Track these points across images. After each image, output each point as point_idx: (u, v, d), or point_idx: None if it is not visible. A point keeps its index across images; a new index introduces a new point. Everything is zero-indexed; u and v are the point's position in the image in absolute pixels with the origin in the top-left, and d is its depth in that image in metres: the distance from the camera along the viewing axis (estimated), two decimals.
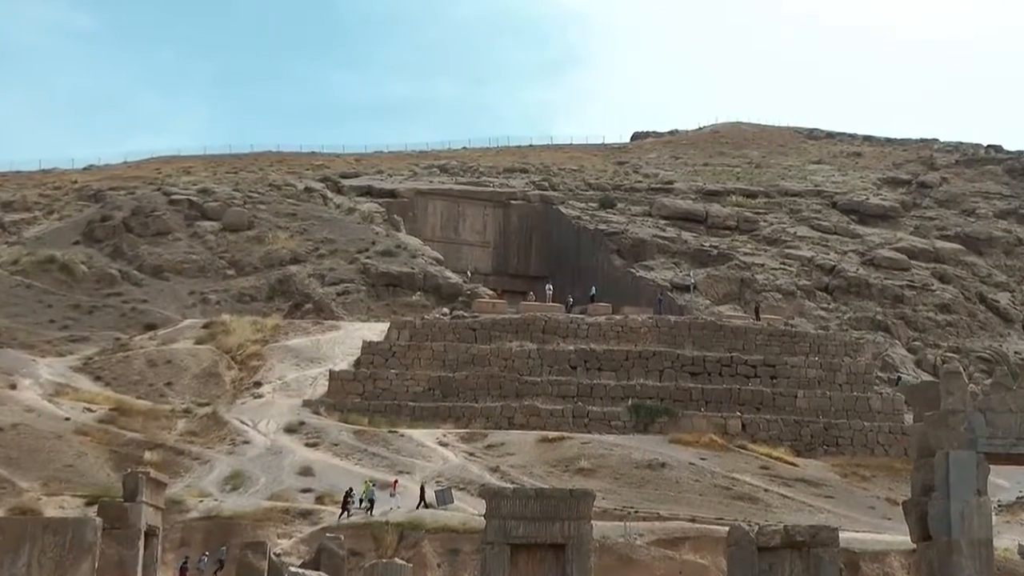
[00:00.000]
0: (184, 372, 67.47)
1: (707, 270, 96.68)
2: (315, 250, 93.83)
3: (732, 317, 78.81)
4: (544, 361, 66.76)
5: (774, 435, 62.28)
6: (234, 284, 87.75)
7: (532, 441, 57.95)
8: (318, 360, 70.38)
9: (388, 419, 61.00)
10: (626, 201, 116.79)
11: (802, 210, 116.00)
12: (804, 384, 66.98)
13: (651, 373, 66.54)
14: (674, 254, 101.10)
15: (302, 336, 74.57)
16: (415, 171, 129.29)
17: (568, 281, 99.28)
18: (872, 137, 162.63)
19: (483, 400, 63.60)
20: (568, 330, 70.24)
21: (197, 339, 72.74)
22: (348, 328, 76.75)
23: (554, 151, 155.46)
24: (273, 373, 68.13)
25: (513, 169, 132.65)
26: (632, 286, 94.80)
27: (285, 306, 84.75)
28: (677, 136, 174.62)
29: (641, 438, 59.64)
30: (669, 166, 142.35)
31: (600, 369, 66.66)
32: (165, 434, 57.67)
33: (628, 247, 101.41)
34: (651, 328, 70.49)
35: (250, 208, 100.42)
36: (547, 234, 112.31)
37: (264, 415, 60.81)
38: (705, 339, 70.10)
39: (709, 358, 67.64)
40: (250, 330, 74.00)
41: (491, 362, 66.59)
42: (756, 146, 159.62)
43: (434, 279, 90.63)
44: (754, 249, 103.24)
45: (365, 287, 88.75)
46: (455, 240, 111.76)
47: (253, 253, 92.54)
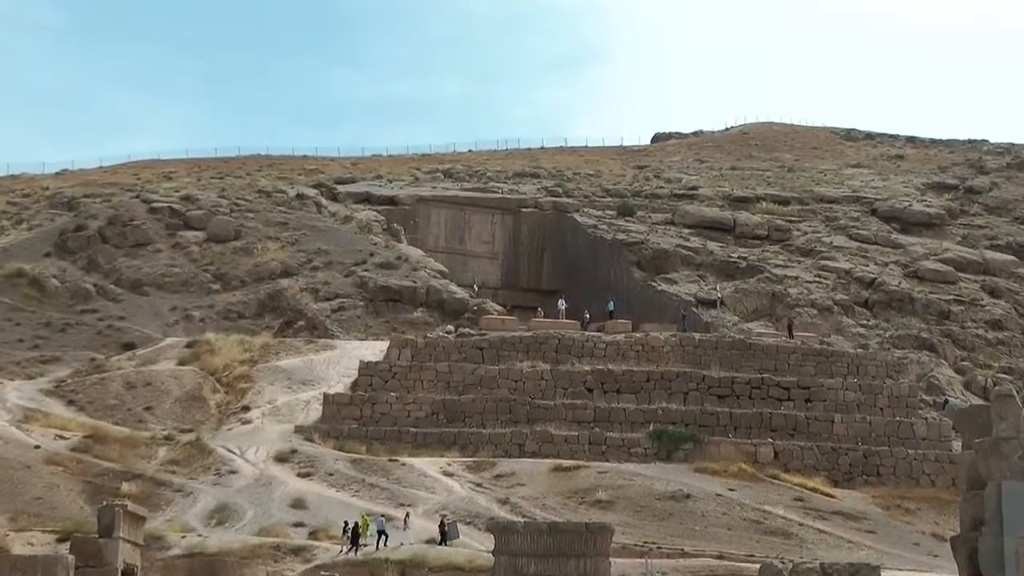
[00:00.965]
0: (165, 396, 67.51)
1: (735, 284, 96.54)
2: (308, 262, 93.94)
3: (763, 335, 78.68)
4: (558, 383, 66.69)
5: (809, 464, 62.04)
6: (220, 300, 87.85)
7: (545, 470, 57.83)
8: (311, 382, 70.38)
9: (388, 447, 60.94)
10: (647, 208, 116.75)
11: (839, 218, 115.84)
12: (842, 408, 66.78)
13: (674, 396, 66.40)
14: (699, 266, 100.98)
15: (294, 356, 74.59)
16: (417, 176, 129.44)
17: (583, 296, 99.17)
18: (916, 138, 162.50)
19: (491, 426, 63.50)
20: (584, 349, 70.17)
21: (179, 360, 72.79)
22: (344, 347, 76.76)
23: (568, 154, 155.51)
24: (262, 396, 68.14)
25: (523, 174, 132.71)
26: (653, 301, 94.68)
27: (275, 323, 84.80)
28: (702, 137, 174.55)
29: (664, 467, 59.47)
30: (693, 170, 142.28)
31: (619, 392, 66.56)
32: (144, 463, 57.66)
33: (649, 258, 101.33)
34: (674, 347, 70.38)
35: (237, 217, 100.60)
36: (560, 244, 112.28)
37: (253, 442, 60.78)
38: (733, 359, 69.95)
39: (738, 380, 67.49)
40: (237, 350, 74.04)
41: (500, 384, 66.53)
42: (788, 148, 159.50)
43: (438, 294, 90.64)
44: (786, 260, 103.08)
45: (363, 303, 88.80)
46: (460, 251, 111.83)
47: (240, 266, 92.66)
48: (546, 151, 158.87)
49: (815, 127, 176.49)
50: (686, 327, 79.73)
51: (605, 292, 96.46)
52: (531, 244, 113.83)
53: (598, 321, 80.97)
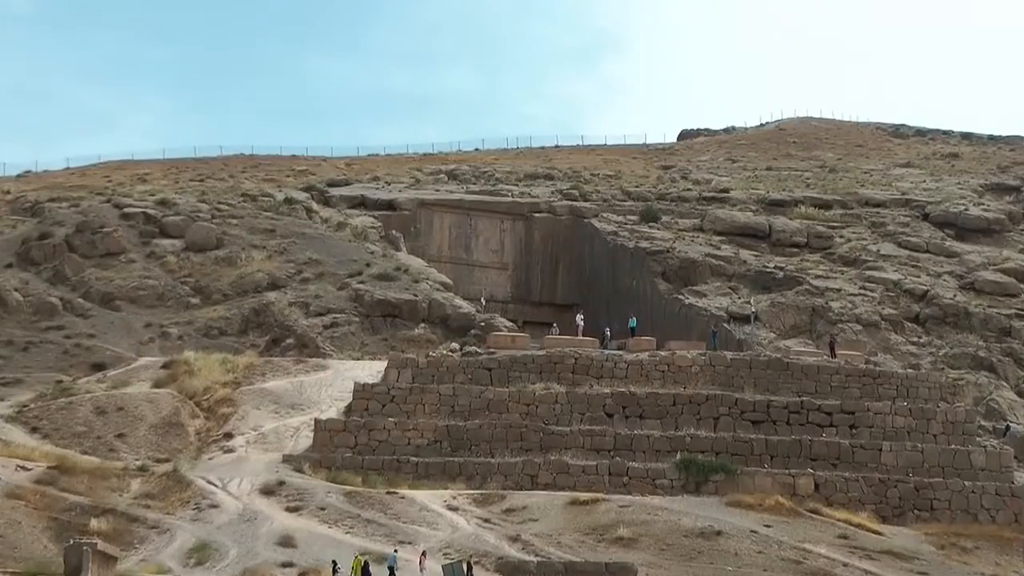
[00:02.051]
0: (139, 422, 67.53)
1: (771, 296, 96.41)
2: (297, 274, 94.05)
3: (802, 354, 78.46)
4: (574, 407, 66.60)
5: (854, 497, 61.86)
6: (200, 315, 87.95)
7: (560, 504, 57.74)
8: (301, 406, 70.37)
9: (386, 478, 60.88)
10: (673, 213, 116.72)
11: (886, 223, 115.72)
12: (890, 435, 66.59)
13: (704, 422, 66.27)
14: (731, 277, 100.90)
15: (282, 377, 74.59)
16: (418, 178, 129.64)
17: (603, 310, 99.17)
18: (972, 135, 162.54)
19: (500, 455, 63.43)
20: (603, 370, 70.07)
21: (155, 382, 72.84)
22: (337, 368, 76.76)
23: (585, 153, 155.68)
24: (247, 422, 68.14)
25: (536, 175, 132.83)
26: (680, 316, 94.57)
27: (261, 341, 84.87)
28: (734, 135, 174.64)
29: (692, 500, 59.33)
30: (724, 170, 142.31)
31: (642, 417, 66.45)
32: (116, 497, 57.65)
33: (675, 269, 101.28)
34: (704, 367, 70.24)
35: (219, 223, 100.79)
36: (577, 253, 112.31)
37: (236, 473, 60.76)
38: (769, 380, 69.80)
39: (774, 403, 67.34)
40: (219, 371, 74.06)
41: (510, 408, 66.46)
42: (830, 146, 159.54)
43: (441, 308, 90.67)
44: (828, 271, 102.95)
45: (358, 318, 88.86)
46: (466, 261, 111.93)
47: (223, 278, 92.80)
48: (561, 150, 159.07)
49: (860, 123, 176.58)
50: (716, 345, 79.47)
51: (626, 306, 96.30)
52: (544, 253, 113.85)
53: (619, 339, 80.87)
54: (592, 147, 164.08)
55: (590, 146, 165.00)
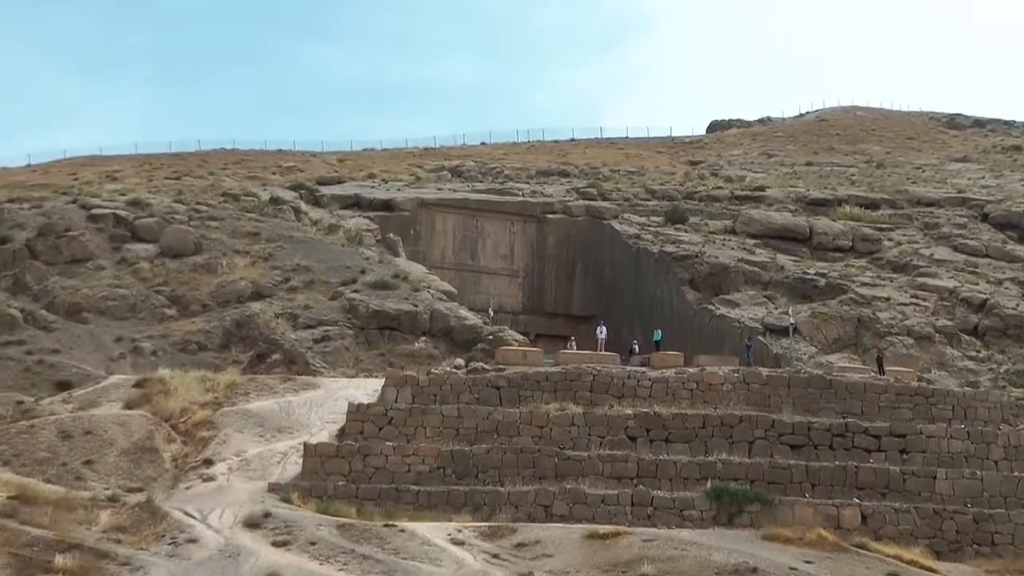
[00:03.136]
0: (109, 447, 67.51)
1: (812, 306, 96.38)
2: (284, 282, 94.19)
3: (846, 370, 78.42)
4: (592, 430, 66.49)
5: (905, 530, 61.65)
6: (176, 328, 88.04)
7: (577, 538, 57.61)
8: (289, 429, 70.35)
9: (383, 509, 60.77)
10: (702, 214, 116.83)
11: (940, 224, 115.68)
12: (946, 461, 66.40)
13: (737, 446, 66.14)
14: (767, 285, 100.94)
15: (267, 397, 74.59)
16: (418, 175, 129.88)
17: (624, 321, 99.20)
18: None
19: (511, 483, 63.31)
20: (625, 388, 69.96)
21: (126, 402, 72.84)
22: (329, 386, 76.76)
23: (604, 148, 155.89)
24: (228, 447, 68.13)
25: (550, 172, 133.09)
26: (711, 328, 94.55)
27: (244, 357, 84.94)
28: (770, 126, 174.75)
29: (724, 533, 59.17)
30: (759, 166, 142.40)
31: (668, 440, 66.31)
32: (83, 531, 57.60)
33: (705, 276, 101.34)
34: (736, 385, 70.14)
35: (197, 226, 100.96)
36: (595, 259, 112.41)
37: (216, 504, 60.72)
38: (810, 400, 69.68)
39: (815, 425, 67.19)
40: (197, 390, 74.06)
41: (521, 431, 66.36)
42: (877, 138, 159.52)
43: (444, 320, 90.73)
44: (875, 278, 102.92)
45: (352, 331, 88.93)
46: (472, 267, 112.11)
47: (201, 286, 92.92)
48: (577, 144, 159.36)
49: (911, 112, 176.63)
50: (751, 360, 79.41)
51: (650, 318, 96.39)
52: (559, 259, 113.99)
53: (642, 353, 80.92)
54: (612, 140, 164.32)
55: (609, 139, 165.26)
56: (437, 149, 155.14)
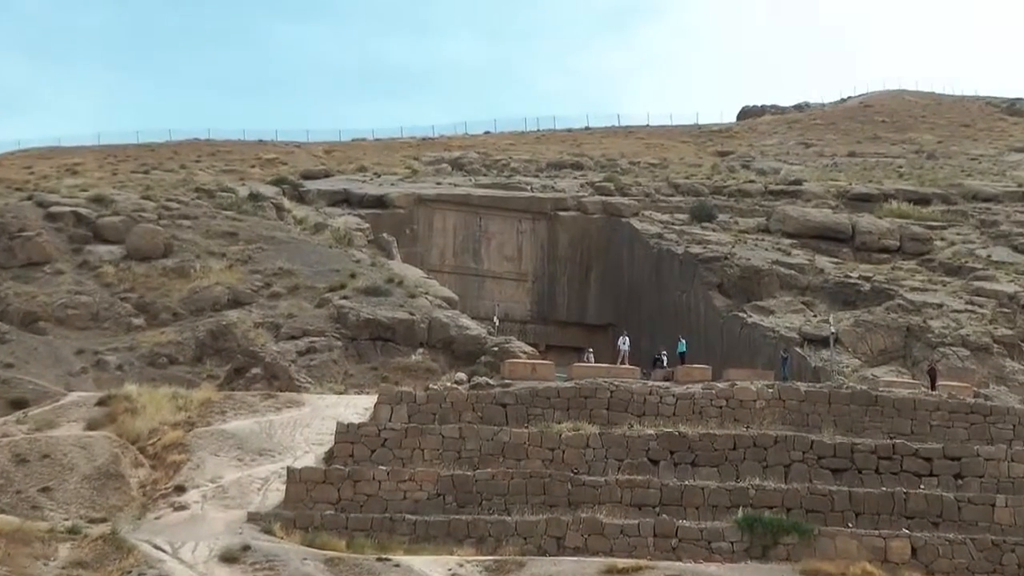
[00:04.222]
0: (69, 472, 67.49)
1: (855, 314, 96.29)
2: (265, 287, 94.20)
3: (894, 384, 78.32)
4: (610, 452, 66.47)
5: (961, 564, 61.54)
6: (144, 339, 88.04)
7: (593, 573, 57.64)
8: (270, 452, 70.32)
9: (376, 540, 60.77)
10: (731, 211, 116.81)
11: (999, 222, 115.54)
12: (1006, 486, 66.28)
13: (772, 470, 66.09)
14: (805, 290, 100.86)
15: (246, 416, 74.56)
16: (414, 168, 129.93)
17: (645, 330, 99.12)
18: None
19: (518, 511, 63.26)
20: (646, 405, 69.93)
21: (89, 422, 72.82)
22: (315, 404, 76.72)
23: (623, 137, 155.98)
24: (203, 472, 68.10)
25: (562, 164, 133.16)
26: (742, 338, 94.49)
27: (221, 372, 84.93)
28: (808, 112, 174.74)
29: (758, 568, 59.18)
30: (796, 157, 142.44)
31: (694, 464, 66.26)
32: (40, 566, 57.63)
33: (735, 280, 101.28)
34: (771, 401, 70.11)
35: (167, 226, 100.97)
36: (613, 261, 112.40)
37: (190, 536, 60.71)
38: (853, 418, 69.61)
39: (860, 447, 67.11)
40: (168, 408, 74.05)
41: (530, 454, 66.35)
42: (928, 126, 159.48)
43: (444, 329, 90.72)
44: (926, 282, 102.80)
45: (341, 342, 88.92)
46: (475, 271, 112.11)
47: (172, 293, 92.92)
48: (592, 133, 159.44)
49: (965, 97, 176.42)
50: (787, 374, 79.31)
51: (674, 326, 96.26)
52: (572, 261, 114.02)
53: (667, 367, 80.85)
54: (631, 129, 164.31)
55: (628, 128, 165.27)
56: (436, 139, 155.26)
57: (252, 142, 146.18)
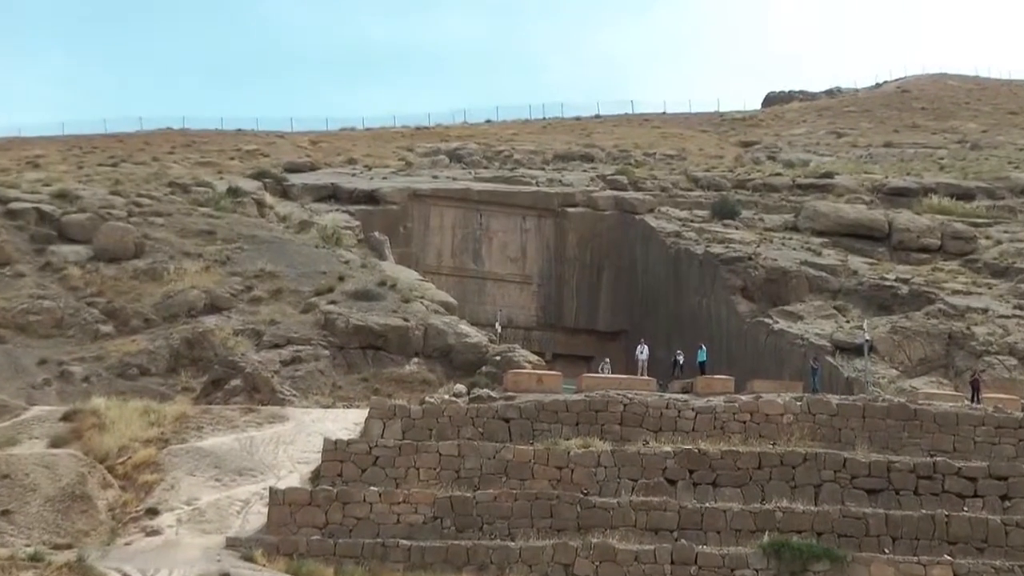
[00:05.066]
0: (31, 494, 67.55)
1: (891, 320, 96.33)
2: (246, 291, 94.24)
3: (934, 397, 78.35)
4: (623, 471, 66.50)
5: None
6: (113, 348, 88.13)
7: None
8: (251, 472, 70.40)
9: (367, 568, 60.87)
10: (756, 207, 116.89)
11: None
12: None
13: (801, 490, 66.12)
14: (836, 293, 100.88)
15: (225, 432, 74.63)
16: (409, 160, 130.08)
17: (661, 338, 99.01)
18: None
19: (523, 536, 63.33)
20: (663, 420, 69.97)
21: (53, 439, 72.87)
22: (301, 419, 76.76)
23: (636, 126, 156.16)
24: (177, 494, 68.18)
25: (570, 156, 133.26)
26: (768, 346, 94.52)
27: (197, 384, 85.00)
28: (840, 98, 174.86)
29: None
30: (827, 147, 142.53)
31: (716, 484, 66.33)
32: None
33: (760, 282, 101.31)
34: (800, 416, 70.14)
35: (138, 224, 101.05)
36: (626, 262, 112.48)
37: (163, 563, 60.81)
38: (890, 434, 69.66)
39: (897, 466, 67.14)
40: (139, 424, 74.10)
41: (536, 473, 66.38)
42: (972, 113, 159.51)
43: (441, 337, 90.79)
44: (970, 284, 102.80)
45: (328, 351, 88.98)
46: (476, 273, 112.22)
47: (144, 297, 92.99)
48: (603, 122, 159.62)
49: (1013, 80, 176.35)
50: (817, 386, 79.32)
51: (693, 333, 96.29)
52: (582, 262, 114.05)
53: (685, 377, 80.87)
54: (646, 117, 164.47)
55: (643, 116, 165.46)
56: (432, 128, 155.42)
57: (231, 132, 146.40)
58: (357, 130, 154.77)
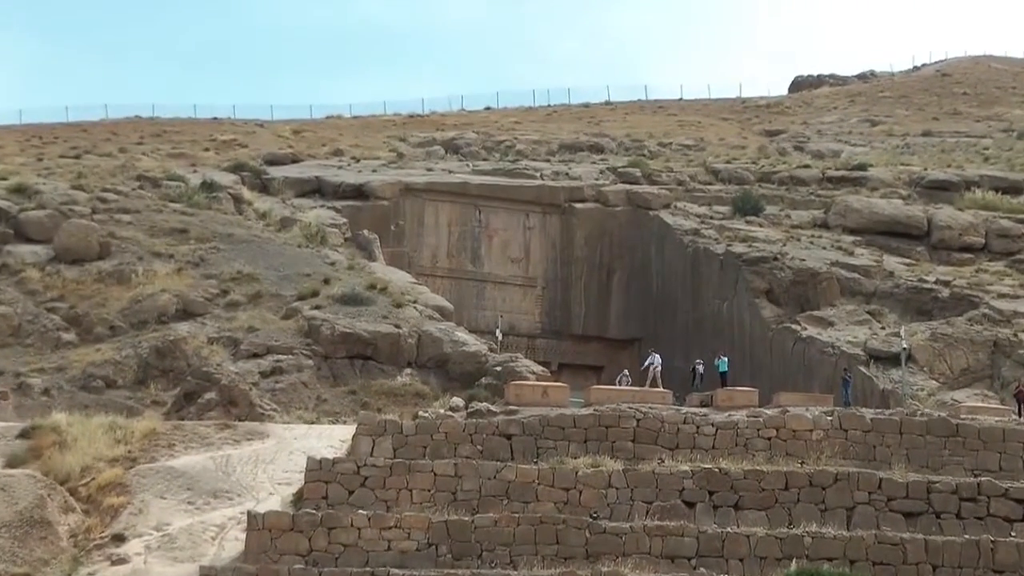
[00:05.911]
0: None
1: (931, 326, 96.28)
2: (222, 295, 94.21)
3: (978, 411, 78.31)
4: (637, 493, 66.46)
5: None
6: (76, 358, 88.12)
7: None
8: (227, 494, 70.36)
9: None
10: (782, 202, 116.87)
11: None
12: None
13: (832, 514, 66.05)
14: (871, 297, 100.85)
15: (199, 451, 74.59)
16: (401, 152, 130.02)
17: (677, 347, 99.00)
18: None
19: (527, 564, 63.27)
20: (680, 436, 69.92)
21: (9, 458, 72.88)
22: (282, 435, 76.75)
23: (651, 114, 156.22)
24: (146, 518, 68.15)
25: (577, 146, 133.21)
26: (795, 355, 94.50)
27: (168, 397, 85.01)
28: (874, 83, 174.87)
29: None
30: (860, 136, 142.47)
31: (738, 507, 66.28)
32: None
33: (787, 285, 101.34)
34: (831, 432, 70.08)
35: (103, 221, 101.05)
36: (640, 263, 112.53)
37: None
38: (930, 451, 69.60)
39: (938, 487, 67.08)
40: (105, 441, 74.05)
41: (540, 495, 66.36)
42: (1019, 99, 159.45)
43: (436, 345, 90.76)
44: (1017, 287, 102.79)
45: (312, 361, 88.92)
46: (474, 275, 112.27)
47: (110, 302, 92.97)
48: (614, 108, 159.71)
49: None
50: (850, 399, 79.30)
51: (713, 340, 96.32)
52: (591, 263, 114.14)
53: (704, 390, 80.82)
54: (661, 103, 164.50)
55: (657, 102, 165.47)
56: (426, 116, 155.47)
57: (205, 120, 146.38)
58: (344, 118, 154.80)
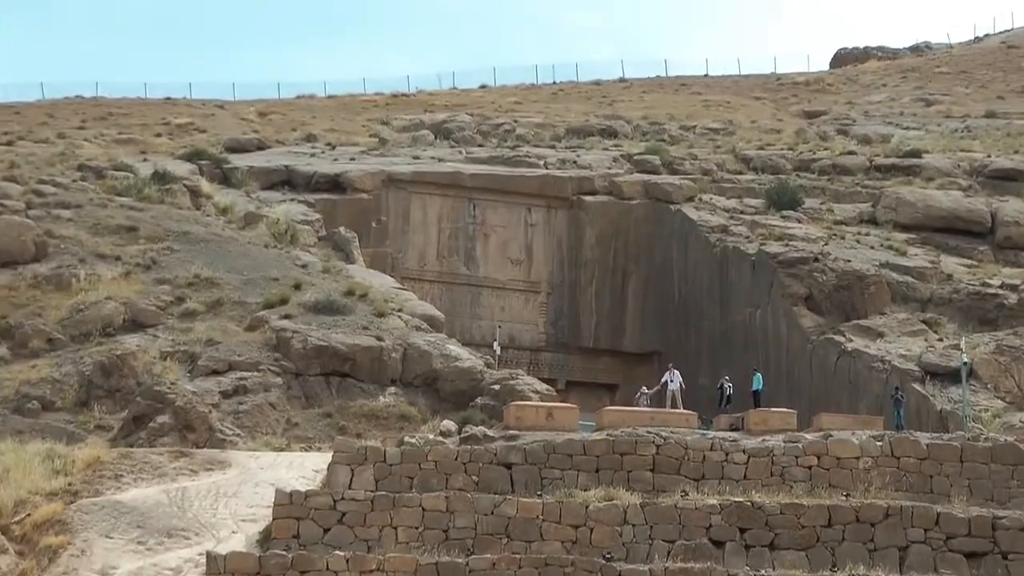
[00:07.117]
0: None
1: (996, 337, 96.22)
2: (176, 303, 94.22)
3: None
4: (657, 530, 66.52)
5: None
6: (8, 376, 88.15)
7: None
8: (183, 532, 70.34)
9: None
10: (824, 194, 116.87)
11: None
12: None
13: (882, 554, 66.12)
14: (926, 304, 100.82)
15: (150, 482, 74.59)
16: (383, 136, 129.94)
17: (703, 361, 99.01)
18: None
19: None
20: (706, 465, 69.97)
21: None
22: (246, 465, 76.75)
23: (671, 92, 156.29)
24: (89, 560, 68.18)
25: (587, 131, 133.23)
26: (839, 371, 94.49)
27: (115, 421, 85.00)
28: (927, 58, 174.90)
29: None
30: (912, 118, 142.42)
31: (774, 546, 66.35)
32: None
33: (829, 290, 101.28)
34: (880, 459, 70.14)
35: (40, 217, 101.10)
36: (659, 264, 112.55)
37: None
38: (996, 481, 69.64)
39: (1004, 523, 67.12)
40: (41, 472, 74.07)
41: (545, 532, 66.41)
42: None
43: (425, 360, 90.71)
44: None
45: (281, 379, 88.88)
46: (469, 279, 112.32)
47: (48, 311, 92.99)
48: (630, 87, 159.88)
49: None
50: (903, 421, 79.26)
51: (744, 354, 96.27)
52: (603, 265, 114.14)
53: (734, 411, 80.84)
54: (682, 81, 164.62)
55: (679, 79, 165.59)
56: (413, 96, 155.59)
57: (157, 101, 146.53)
58: (317, 98, 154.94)
